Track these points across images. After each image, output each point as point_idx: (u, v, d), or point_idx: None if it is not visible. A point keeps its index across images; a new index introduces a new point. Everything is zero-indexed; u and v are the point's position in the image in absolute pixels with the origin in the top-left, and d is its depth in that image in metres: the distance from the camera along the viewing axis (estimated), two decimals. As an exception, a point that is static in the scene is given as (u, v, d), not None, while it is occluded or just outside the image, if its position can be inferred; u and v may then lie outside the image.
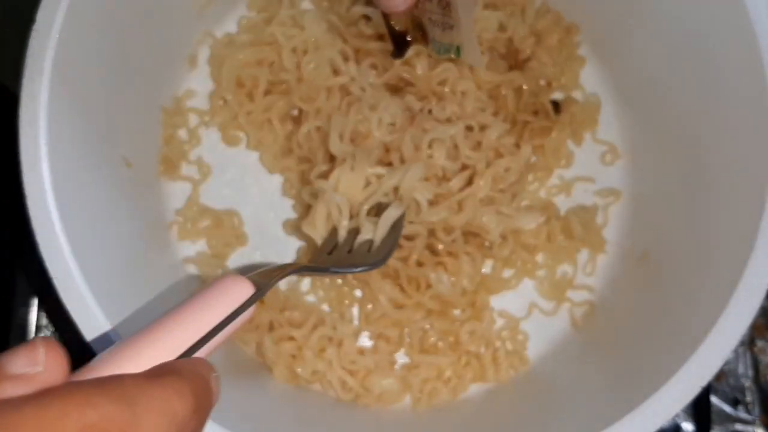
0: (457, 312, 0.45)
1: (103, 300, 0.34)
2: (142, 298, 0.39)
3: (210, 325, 0.24)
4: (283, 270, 0.32)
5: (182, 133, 0.47)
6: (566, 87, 0.48)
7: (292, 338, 0.43)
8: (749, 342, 0.48)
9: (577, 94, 0.48)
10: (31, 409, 0.15)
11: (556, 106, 0.47)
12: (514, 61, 0.47)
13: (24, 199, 0.34)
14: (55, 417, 0.15)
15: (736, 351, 0.46)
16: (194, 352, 0.23)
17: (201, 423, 0.20)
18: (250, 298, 0.26)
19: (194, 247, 0.46)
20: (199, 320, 0.24)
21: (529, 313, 0.46)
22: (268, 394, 0.42)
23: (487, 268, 0.46)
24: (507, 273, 0.46)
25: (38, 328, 0.47)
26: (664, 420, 0.34)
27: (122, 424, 0.16)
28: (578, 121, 0.47)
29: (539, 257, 0.46)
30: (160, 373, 0.20)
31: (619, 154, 0.48)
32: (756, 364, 0.48)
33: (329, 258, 0.39)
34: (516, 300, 0.46)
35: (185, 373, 0.20)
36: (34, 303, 0.47)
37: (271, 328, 0.44)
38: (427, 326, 0.44)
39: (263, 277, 0.29)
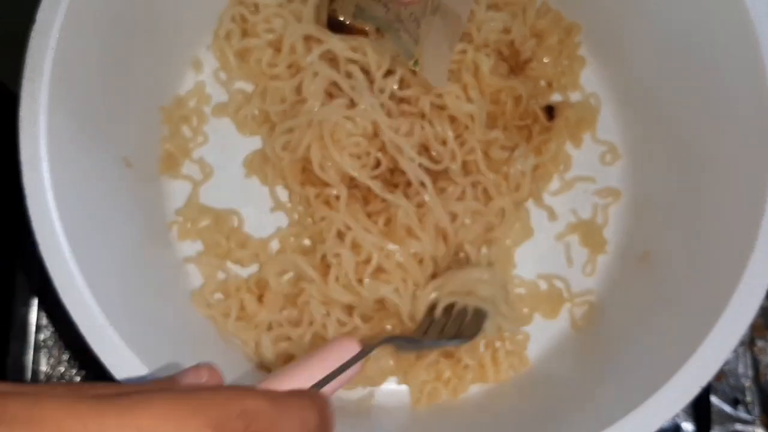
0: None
1: (103, 300, 0.34)
2: (142, 297, 0.39)
3: (321, 375, 0.29)
4: (387, 337, 0.39)
5: (186, 131, 0.47)
6: (566, 87, 0.48)
7: (290, 338, 0.43)
8: (749, 342, 0.48)
9: (577, 95, 0.48)
10: (206, 393, 0.18)
11: (551, 110, 0.47)
12: (515, 62, 0.47)
13: (24, 199, 0.34)
14: (223, 400, 0.18)
15: (736, 351, 0.45)
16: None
17: None
18: (356, 356, 0.31)
19: (194, 247, 0.46)
20: (313, 372, 0.29)
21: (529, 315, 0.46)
22: (268, 394, 0.42)
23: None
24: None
25: (38, 328, 0.47)
26: (664, 420, 0.34)
27: (269, 417, 0.19)
28: (574, 124, 0.47)
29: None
30: (294, 392, 0.24)
31: (619, 154, 0.48)
32: (756, 364, 0.48)
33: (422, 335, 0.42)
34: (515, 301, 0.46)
35: (313, 395, 0.24)
36: (34, 303, 0.47)
37: (269, 328, 0.44)
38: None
39: (368, 342, 0.34)
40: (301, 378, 0.28)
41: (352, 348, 0.31)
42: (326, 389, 0.29)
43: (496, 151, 0.45)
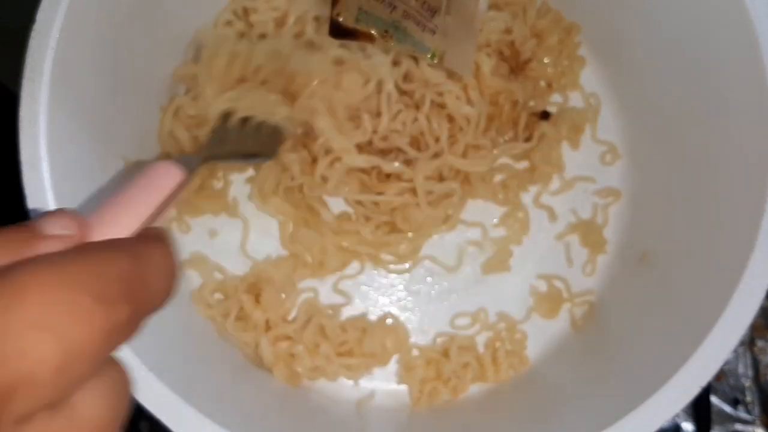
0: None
1: (103, 300, 0.34)
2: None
3: (152, 206, 0.26)
4: (207, 153, 0.37)
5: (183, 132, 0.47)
6: (566, 88, 0.48)
7: (288, 337, 0.43)
8: (749, 342, 0.48)
9: (577, 95, 0.48)
10: (81, 260, 0.17)
11: (546, 116, 0.47)
12: (515, 62, 0.47)
13: (24, 199, 0.34)
14: (100, 264, 0.17)
15: (736, 351, 0.46)
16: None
17: (178, 277, 0.22)
18: (181, 183, 0.28)
19: (191, 245, 0.46)
20: (135, 208, 0.25)
21: (528, 316, 0.46)
22: (268, 394, 0.42)
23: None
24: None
25: (38, 328, 0.47)
26: (664, 420, 0.34)
27: (139, 274, 0.18)
28: (567, 131, 0.47)
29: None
30: (149, 236, 0.22)
31: (619, 154, 0.48)
32: (756, 364, 0.48)
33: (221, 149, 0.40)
34: (516, 302, 0.46)
35: (167, 238, 0.22)
36: (34, 303, 0.47)
37: (267, 327, 0.44)
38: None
39: (190, 160, 0.31)
40: (135, 213, 0.25)
41: (175, 173, 0.28)
42: (159, 218, 0.26)
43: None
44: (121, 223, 0.24)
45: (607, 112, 0.48)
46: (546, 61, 0.47)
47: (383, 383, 0.45)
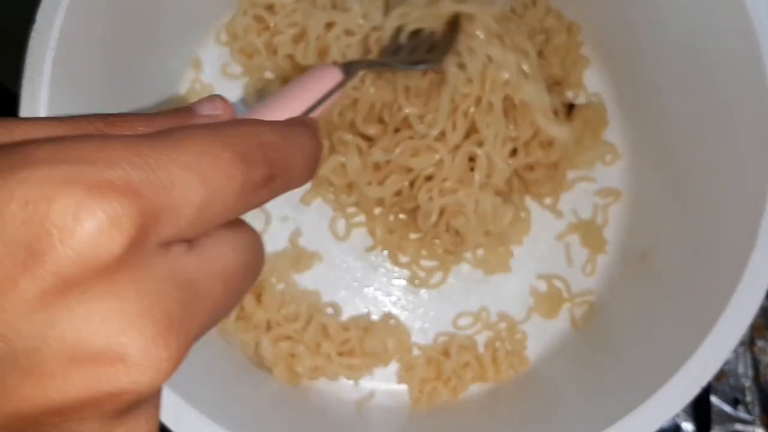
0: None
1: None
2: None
3: (308, 103, 0.29)
4: (366, 61, 0.40)
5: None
6: (570, 87, 0.48)
7: (289, 337, 0.43)
8: (749, 342, 0.48)
9: (581, 95, 0.48)
10: (231, 127, 0.19)
11: (571, 108, 0.47)
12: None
13: (24, 199, 0.34)
14: (244, 134, 0.19)
15: (736, 351, 0.46)
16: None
17: (318, 165, 0.23)
18: (339, 82, 0.31)
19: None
20: (301, 100, 0.28)
21: (528, 316, 0.46)
22: (268, 394, 0.42)
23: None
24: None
25: (38, 328, 0.47)
26: (664, 420, 0.34)
27: (279, 146, 0.20)
28: (594, 124, 0.47)
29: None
30: (296, 121, 0.23)
31: (619, 154, 0.48)
32: (756, 364, 0.48)
33: (395, 57, 0.42)
34: (516, 302, 0.46)
35: (311, 123, 0.23)
36: (34, 303, 0.47)
37: (268, 327, 0.44)
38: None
39: (350, 65, 0.33)
40: (291, 107, 0.28)
41: (335, 74, 0.31)
42: (313, 114, 0.29)
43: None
44: (274, 116, 0.26)
45: (608, 112, 0.48)
46: (553, 60, 0.46)
47: (383, 383, 0.45)
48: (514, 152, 0.43)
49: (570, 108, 0.47)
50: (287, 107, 0.28)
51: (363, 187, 0.43)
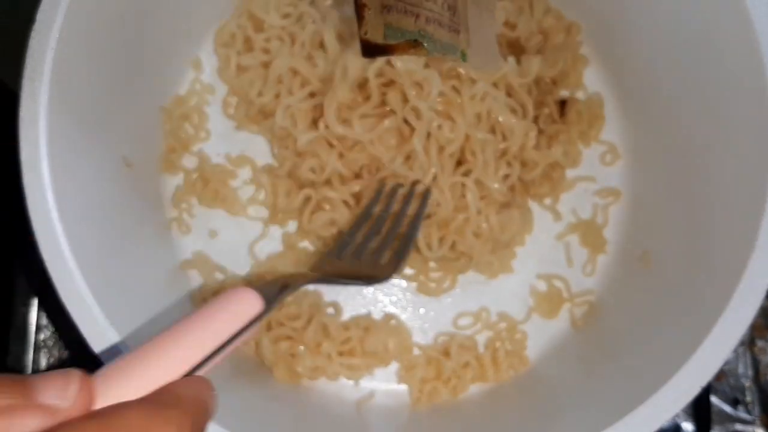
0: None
1: (103, 300, 0.34)
2: (142, 297, 0.39)
3: (218, 339, 0.24)
4: (293, 281, 0.31)
5: (188, 128, 0.47)
6: (570, 86, 0.48)
7: (290, 337, 0.43)
8: (749, 342, 0.48)
9: (579, 94, 0.48)
10: None
11: (563, 105, 0.47)
12: (520, 58, 0.47)
13: (24, 199, 0.34)
14: None
15: (736, 351, 0.46)
16: (200, 369, 0.23)
17: None
18: (259, 314, 0.26)
19: (192, 245, 0.46)
20: (207, 335, 0.24)
21: (528, 316, 0.46)
22: (268, 394, 0.42)
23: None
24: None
25: (38, 328, 0.47)
26: (664, 420, 0.34)
27: None
28: (587, 121, 0.47)
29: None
30: (162, 402, 0.20)
31: (619, 154, 0.48)
32: (756, 364, 0.48)
33: (337, 265, 0.39)
34: (516, 302, 0.46)
35: (186, 402, 0.21)
36: (34, 303, 0.47)
37: (269, 327, 0.44)
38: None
39: (271, 288, 0.28)
40: (182, 353, 0.23)
41: (254, 304, 0.25)
42: (217, 359, 0.24)
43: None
44: (181, 354, 0.22)
45: (607, 112, 0.48)
46: (551, 59, 0.46)
47: (383, 383, 0.45)
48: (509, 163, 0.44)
49: (562, 105, 0.47)
50: (194, 341, 0.23)
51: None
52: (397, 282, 0.46)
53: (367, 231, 0.41)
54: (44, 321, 0.47)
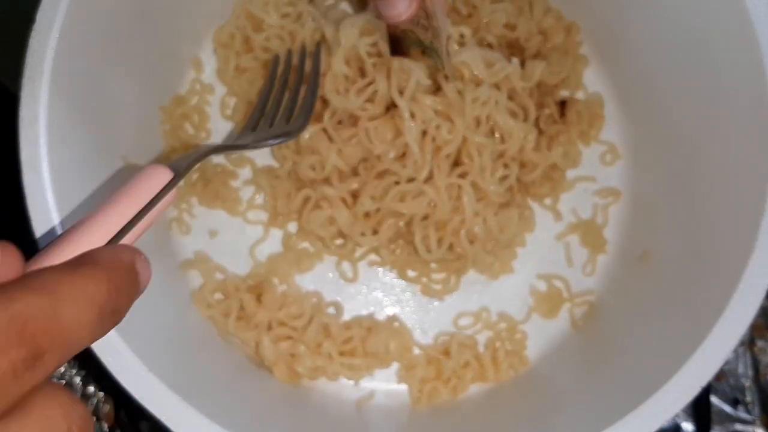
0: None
1: (103, 300, 0.34)
2: (142, 297, 0.38)
3: (133, 209, 0.27)
4: (200, 152, 0.34)
5: (188, 128, 0.47)
6: (570, 86, 0.48)
7: (290, 337, 0.43)
8: (749, 342, 0.48)
9: (579, 95, 0.48)
10: None
11: (562, 105, 0.47)
12: (520, 59, 0.47)
13: (24, 199, 0.34)
14: None
15: (736, 351, 0.45)
16: (120, 238, 0.26)
17: (122, 303, 0.22)
18: (169, 183, 0.29)
19: (193, 246, 0.46)
20: (125, 209, 0.27)
21: (528, 316, 0.46)
22: (268, 394, 0.42)
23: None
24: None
25: (38, 328, 0.47)
26: (664, 420, 0.34)
27: (44, 312, 0.19)
28: (587, 120, 0.47)
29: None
30: (78, 263, 0.22)
31: (619, 154, 0.48)
32: (756, 364, 0.48)
33: (251, 135, 0.41)
34: (516, 302, 0.46)
35: (102, 260, 0.22)
36: (34, 303, 0.47)
37: (269, 327, 0.44)
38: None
39: (182, 163, 0.31)
40: (118, 215, 0.26)
41: (163, 175, 0.29)
42: (137, 228, 0.27)
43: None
44: (103, 229, 0.25)
45: (607, 112, 0.48)
46: (551, 60, 0.46)
47: (383, 383, 0.45)
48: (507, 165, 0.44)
49: (562, 105, 0.47)
50: (113, 217, 0.26)
51: (357, 238, 0.44)
52: (397, 282, 0.46)
53: (273, 99, 0.43)
54: (44, 321, 0.47)
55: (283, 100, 0.43)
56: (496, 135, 0.43)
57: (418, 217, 0.43)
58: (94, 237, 0.25)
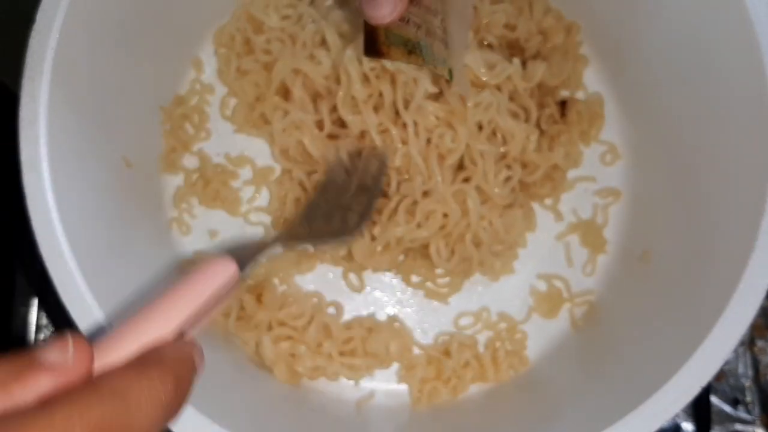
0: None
1: (103, 300, 0.34)
2: (142, 297, 0.39)
3: (195, 303, 0.26)
4: (266, 244, 0.34)
5: (188, 128, 0.47)
6: (570, 87, 0.48)
7: (290, 337, 0.43)
8: (749, 342, 0.48)
9: (580, 94, 0.48)
10: (42, 419, 0.19)
11: (563, 105, 0.47)
12: (520, 59, 0.47)
13: (24, 199, 0.34)
14: (62, 421, 0.19)
15: (736, 351, 0.46)
16: (185, 329, 0.26)
17: (184, 397, 0.23)
18: (233, 277, 0.28)
19: (192, 245, 0.46)
20: (188, 300, 0.26)
21: (529, 316, 0.46)
22: (268, 394, 0.42)
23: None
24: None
25: (38, 328, 0.47)
26: (664, 420, 0.34)
27: (119, 418, 0.20)
28: (587, 119, 0.47)
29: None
30: (146, 362, 0.23)
31: (619, 154, 0.48)
32: (756, 364, 0.48)
33: (308, 230, 0.40)
34: (516, 302, 0.46)
35: (167, 359, 0.23)
36: (34, 303, 0.47)
37: (269, 327, 0.44)
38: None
39: (246, 255, 0.31)
40: (177, 310, 0.26)
41: (228, 269, 0.28)
42: (199, 321, 0.27)
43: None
44: (164, 323, 0.25)
45: (607, 112, 0.48)
46: (551, 60, 0.46)
47: (383, 383, 0.45)
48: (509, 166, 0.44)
49: (563, 105, 0.47)
50: (175, 308, 0.26)
51: (370, 265, 0.44)
52: (398, 282, 0.46)
53: (332, 196, 0.42)
54: (44, 321, 0.47)
55: (341, 200, 0.42)
56: (498, 136, 0.43)
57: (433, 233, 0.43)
58: (157, 327, 0.25)
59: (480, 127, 0.42)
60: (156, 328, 0.25)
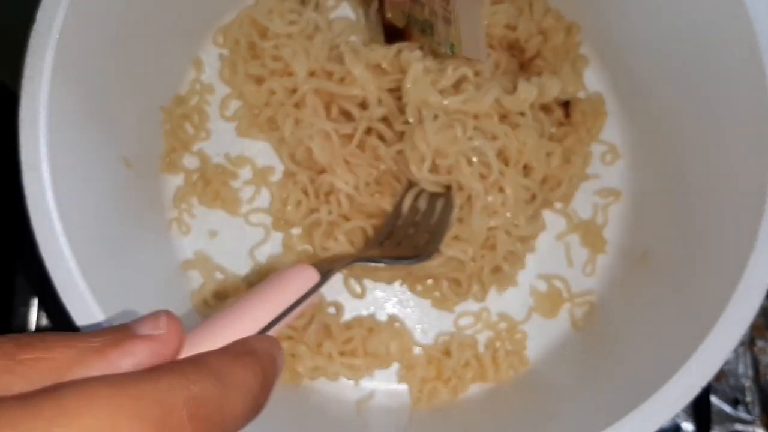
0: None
1: (103, 300, 0.34)
2: (143, 297, 0.39)
3: (281, 307, 0.27)
4: (344, 259, 0.36)
5: (188, 128, 0.47)
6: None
7: (290, 337, 0.43)
8: (749, 342, 0.48)
9: (580, 95, 0.48)
10: (148, 383, 0.18)
11: (566, 106, 0.47)
12: (520, 59, 0.47)
13: (24, 199, 0.34)
14: (166, 389, 0.18)
15: (736, 351, 0.46)
16: (267, 331, 0.27)
17: (269, 394, 0.23)
18: (316, 285, 0.30)
19: (193, 245, 0.46)
20: (272, 303, 0.27)
21: (529, 316, 0.46)
22: (268, 394, 0.42)
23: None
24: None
25: (38, 328, 0.47)
26: (664, 420, 0.34)
27: (215, 398, 0.19)
28: (590, 118, 0.47)
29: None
30: (239, 351, 0.23)
31: (619, 154, 0.48)
32: (756, 364, 0.48)
33: (381, 249, 0.41)
34: (516, 302, 0.46)
35: (259, 352, 0.23)
36: (34, 303, 0.47)
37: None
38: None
39: (325, 264, 0.32)
40: (262, 311, 0.26)
41: (311, 276, 0.30)
42: (281, 324, 0.27)
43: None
44: (252, 320, 0.26)
45: (608, 112, 0.48)
46: (551, 60, 0.46)
47: (383, 383, 0.45)
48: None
49: (566, 106, 0.47)
50: (260, 309, 0.27)
51: (372, 277, 0.45)
52: (397, 284, 0.46)
53: (403, 223, 0.42)
54: (44, 321, 0.47)
55: (413, 225, 0.42)
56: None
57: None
58: (243, 325, 0.25)
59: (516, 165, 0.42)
60: (243, 327, 0.25)
